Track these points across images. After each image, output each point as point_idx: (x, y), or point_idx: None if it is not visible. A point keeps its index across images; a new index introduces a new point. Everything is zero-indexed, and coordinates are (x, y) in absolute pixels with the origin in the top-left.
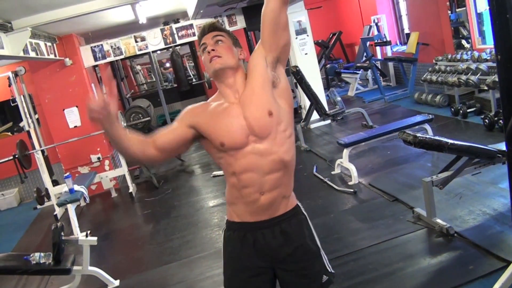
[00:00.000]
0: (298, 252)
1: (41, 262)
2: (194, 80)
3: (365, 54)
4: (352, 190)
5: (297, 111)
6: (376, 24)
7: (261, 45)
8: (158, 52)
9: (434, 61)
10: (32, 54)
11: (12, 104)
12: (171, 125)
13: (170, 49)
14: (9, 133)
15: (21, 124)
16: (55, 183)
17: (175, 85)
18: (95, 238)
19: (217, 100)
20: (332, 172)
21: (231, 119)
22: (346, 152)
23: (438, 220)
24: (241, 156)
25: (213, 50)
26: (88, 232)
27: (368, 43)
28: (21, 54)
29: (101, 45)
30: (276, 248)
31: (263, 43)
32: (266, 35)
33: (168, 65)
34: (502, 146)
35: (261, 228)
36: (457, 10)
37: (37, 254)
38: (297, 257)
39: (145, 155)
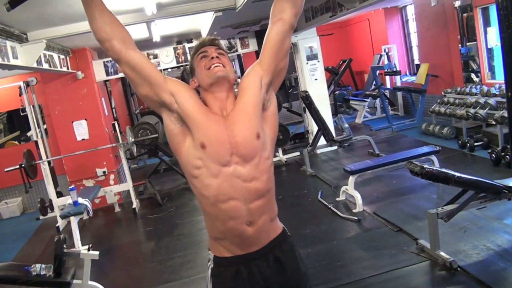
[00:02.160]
0: (294, 277)
1: (41, 273)
2: None
3: (374, 82)
4: (356, 218)
5: (304, 135)
6: (387, 54)
7: (259, 65)
8: (169, 70)
9: (443, 93)
10: (46, 66)
11: (22, 114)
12: (154, 65)
13: (181, 67)
14: (16, 142)
15: (28, 134)
16: (59, 194)
17: None
18: (97, 252)
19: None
20: (337, 199)
21: (218, 128)
22: (352, 179)
23: (442, 253)
24: (223, 179)
25: (217, 57)
26: (90, 246)
27: (377, 72)
28: (35, 65)
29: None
30: (271, 277)
31: (261, 63)
32: (266, 56)
33: None
34: (509, 182)
35: (254, 259)
36: (467, 44)
37: (38, 266)
38: (292, 282)
39: (105, 33)
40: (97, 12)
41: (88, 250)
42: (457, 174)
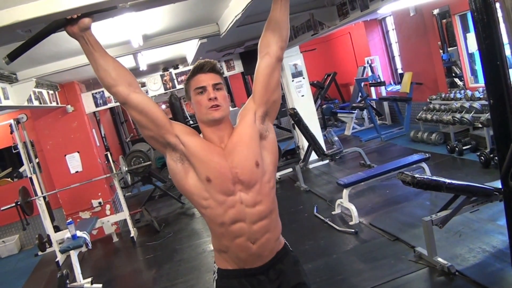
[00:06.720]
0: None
1: None
2: (191, 121)
3: (360, 94)
4: (353, 230)
5: (295, 151)
6: (370, 65)
7: (252, 100)
8: (157, 95)
9: (428, 99)
10: (36, 103)
11: (14, 151)
12: (160, 108)
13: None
14: (9, 179)
15: (20, 170)
16: (56, 229)
17: None
18: (100, 285)
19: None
20: (333, 212)
21: (220, 161)
22: (346, 192)
23: (439, 259)
24: (229, 206)
25: (215, 98)
26: (91, 279)
27: (362, 84)
28: (26, 103)
29: (102, 91)
30: None
31: (254, 97)
32: (258, 90)
33: (164, 106)
34: (499, 184)
35: (256, 274)
36: (449, 49)
37: None
38: None
39: (112, 79)
40: (100, 60)
41: (91, 283)
42: (448, 181)
